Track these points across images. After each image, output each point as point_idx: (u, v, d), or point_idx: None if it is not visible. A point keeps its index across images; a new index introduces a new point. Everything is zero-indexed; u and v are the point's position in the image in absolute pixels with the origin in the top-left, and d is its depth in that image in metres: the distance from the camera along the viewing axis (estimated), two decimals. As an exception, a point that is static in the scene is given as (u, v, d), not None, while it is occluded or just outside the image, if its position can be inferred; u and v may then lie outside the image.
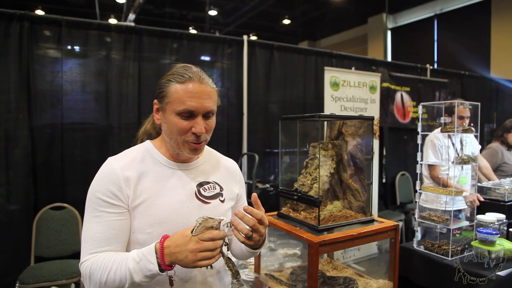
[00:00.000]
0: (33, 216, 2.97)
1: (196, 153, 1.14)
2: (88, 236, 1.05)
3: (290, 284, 1.96)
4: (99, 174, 1.09)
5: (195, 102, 1.05)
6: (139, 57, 3.48)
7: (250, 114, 4.03)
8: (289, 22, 10.82)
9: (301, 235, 1.71)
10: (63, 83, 3.15)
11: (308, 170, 1.96)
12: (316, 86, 4.44)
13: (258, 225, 1.02)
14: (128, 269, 0.96)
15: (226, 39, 3.99)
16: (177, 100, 1.06)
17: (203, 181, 1.19)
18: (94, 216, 1.05)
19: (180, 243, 0.94)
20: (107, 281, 0.98)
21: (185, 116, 1.06)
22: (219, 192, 1.21)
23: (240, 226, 1.01)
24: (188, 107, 1.05)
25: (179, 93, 1.06)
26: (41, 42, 3.09)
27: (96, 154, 3.26)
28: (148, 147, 1.18)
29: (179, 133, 1.07)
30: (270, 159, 4.21)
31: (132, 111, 3.43)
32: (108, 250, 1.04)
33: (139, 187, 1.08)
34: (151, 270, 0.95)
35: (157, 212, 1.08)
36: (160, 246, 0.95)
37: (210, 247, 0.92)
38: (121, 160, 1.12)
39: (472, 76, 6.34)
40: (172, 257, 0.94)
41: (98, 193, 1.06)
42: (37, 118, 3.04)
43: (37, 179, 3.03)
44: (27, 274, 2.66)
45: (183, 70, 1.10)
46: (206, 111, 1.08)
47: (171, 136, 1.09)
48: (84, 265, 1.03)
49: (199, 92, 1.07)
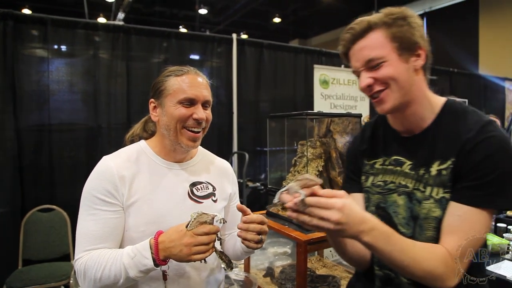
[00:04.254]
0: (21, 219, 2.93)
1: (194, 144, 1.15)
2: (83, 233, 1.06)
3: (280, 282, 1.96)
4: (94, 173, 1.10)
5: (195, 90, 1.11)
6: (128, 56, 3.45)
7: (240, 113, 4.03)
8: (280, 20, 10.81)
9: (289, 234, 1.71)
10: (50, 83, 3.10)
11: (297, 168, 1.96)
12: (306, 84, 4.45)
13: (263, 227, 1.08)
14: (123, 265, 0.97)
15: (216, 38, 3.98)
16: (177, 91, 1.11)
17: (196, 181, 1.21)
18: (89, 214, 1.06)
19: (174, 237, 0.95)
20: (102, 277, 0.99)
21: (186, 104, 1.10)
22: (211, 192, 1.23)
23: (249, 236, 1.06)
24: (189, 95, 1.10)
25: (179, 83, 1.11)
26: (26, 41, 3.04)
27: (85, 155, 3.22)
28: (143, 147, 1.20)
29: (180, 119, 1.10)
30: (260, 157, 4.21)
31: (121, 111, 3.40)
32: (103, 248, 1.05)
33: (133, 186, 1.10)
34: (146, 265, 0.96)
35: (150, 211, 1.10)
36: (155, 242, 0.97)
37: (204, 241, 0.94)
38: (116, 158, 1.13)
39: (460, 73, 6.40)
40: (166, 252, 0.95)
41: (93, 191, 1.07)
42: (23, 119, 3.00)
43: (24, 181, 2.99)
44: (14, 278, 2.61)
45: (179, 67, 1.16)
46: (205, 99, 1.13)
47: (171, 127, 1.11)
48: (79, 262, 1.04)
49: (198, 82, 1.13)
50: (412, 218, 0.98)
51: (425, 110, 0.99)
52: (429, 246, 0.89)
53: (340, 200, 0.78)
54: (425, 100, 0.99)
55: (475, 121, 0.92)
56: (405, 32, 0.93)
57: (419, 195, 0.96)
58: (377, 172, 1.08)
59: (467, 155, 0.89)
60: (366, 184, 1.10)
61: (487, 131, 0.89)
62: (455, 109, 0.99)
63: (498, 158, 0.86)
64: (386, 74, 0.92)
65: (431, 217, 0.93)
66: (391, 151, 1.06)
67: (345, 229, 0.79)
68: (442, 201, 0.91)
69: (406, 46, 0.93)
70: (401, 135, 1.05)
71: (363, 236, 0.81)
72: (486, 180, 0.86)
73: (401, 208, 0.99)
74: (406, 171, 1.00)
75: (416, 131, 1.01)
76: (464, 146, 0.89)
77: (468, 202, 0.87)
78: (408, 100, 0.96)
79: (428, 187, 0.94)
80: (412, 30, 0.94)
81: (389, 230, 0.84)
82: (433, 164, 0.95)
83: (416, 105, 0.98)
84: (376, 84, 0.94)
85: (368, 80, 0.94)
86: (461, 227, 0.88)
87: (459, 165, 0.90)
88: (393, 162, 1.04)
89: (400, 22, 0.93)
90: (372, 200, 1.07)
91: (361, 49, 0.95)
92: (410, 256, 0.84)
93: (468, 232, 0.87)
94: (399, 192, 1.00)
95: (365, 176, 1.11)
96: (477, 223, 0.88)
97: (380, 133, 1.11)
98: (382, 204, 1.04)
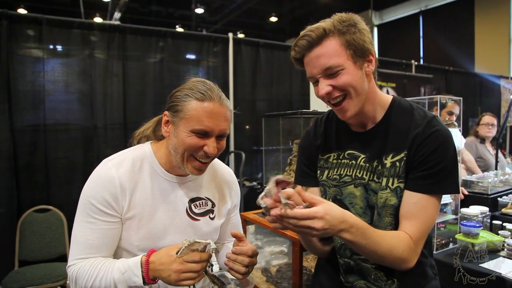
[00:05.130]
0: (17, 219, 2.92)
1: (199, 173, 1.11)
2: (79, 240, 1.05)
3: (276, 281, 1.96)
4: (95, 178, 1.07)
5: (213, 123, 1.02)
6: (124, 56, 3.44)
7: (236, 112, 4.02)
8: (276, 19, 10.82)
9: (285, 233, 1.71)
10: (45, 83, 3.09)
11: (292, 167, 1.96)
12: (302, 83, 4.45)
13: (252, 259, 1.07)
14: (113, 279, 0.98)
15: (212, 37, 3.97)
16: (194, 118, 1.01)
17: (195, 197, 1.19)
18: (87, 222, 1.05)
19: (164, 261, 0.95)
20: (92, 287, 0.99)
21: (199, 135, 1.03)
22: (210, 209, 1.22)
23: (236, 267, 1.06)
24: (204, 128, 1.02)
25: (198, 111, 1.01)
26: (21, 41, 3.03)
27: (81, 155, 3.21)
28: (148, 154, 1.15)
29: (189, 149, 1.04)
30: (257, 157, 4.21)
31: (117, 111, 3.39)
32: (96, 256, 1.05)
33: (134, 199, 1.08)
34: (135, 283, 0.97)
35: (148, 226, 1.10)
36: (146, 261, 0.97)
37: (193, 268, 0.94)
38: (119, 167, 1.08)
39: (456, 72, 6.42)
40: (156, 273, 0.96)
41: (93, 199, 1.04)
42: (19, 120, 2.99)
43: (20, 181, 2.98)
44: (10, 278, 2.61)
45: (203, 87, 1.05)
46: (221, 133, 1.06)
47: (179, 151, 1.05)
48: (71, 269, 1.04)
49: (218, 113, 1.03)
50: (368, 207, 1.06)
51: (377, 107, 1.07)
52: (396, 234, 0.98)
53: (321, 209, 0.84)
54: (376, 100, 1.07)
55: (421, 117, 1.01)
56: (357, 39, 0.97)
57: (374, 186, 1.04)
58: (332, 166, 1.14)
59: (417, 148, 0.98)
60: (322, 178, 1.16)
61: (432, 125, 0.99)
62: (402, 105, 1.07)
63: (443, 150, 0.97)
64: (345, 81, 0.97)
65: (388, 205, 1.01)
66: (345, 145, 1.12)
67: (328, 232, 0.86)
68: (397, 190, 1.00)
69: (359, 53, 0.98)
70: (354, 130, 1.12)
71: (343, 234, 0.88)
72: (434, 170, 0.97)
73: (358, 199, 1.07)
74: (361, 164, 1.07)
75: (368, 126, 1.08)
76: (414, 140, 0.99)
77: (421, 190, 0.98)
78: (364, 103, 1.03)
79: (384, 178, 1.02)
80: (363, 37, 0.98)
81: (365, 225, 0.92)
82: (386, 156, 1.03)
83: (369, 105, 1.05)
84: (335, 91, 0.99)
85: (328, 88, 0.98)
86: (417, 213, 0.98)
87: (411, 157, 0.99)
88: (347, 156, 1.11)
89: (352, 29, 0.97)
90: (328, 193, 1.13)
91: (318, 57, 0.97)
92: (384, 246, 0.93)
93: (423, 217, 0.98)
94: (356, 184, 1.07)
95: (320, 170, 1.17)
96: (430, 208, 0.99)
97: (332, 128, 1.17)
98: (338, 196, 1.11)
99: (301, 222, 0.83)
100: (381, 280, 1.06)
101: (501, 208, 2.56)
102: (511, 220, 2.34)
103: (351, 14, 1.00)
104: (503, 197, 2.64)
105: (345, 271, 1.14)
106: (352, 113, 1.01)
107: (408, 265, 0.98)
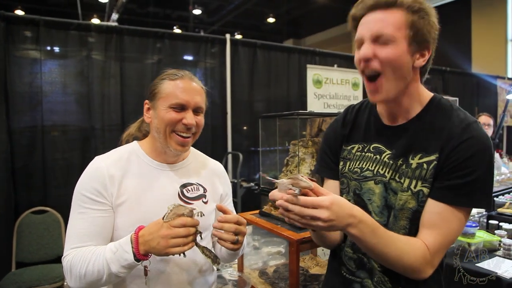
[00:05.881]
0: (14, 221, 2.91)
1: (183, 148, 1.15)
2: (72, 231, 1.07)
3: (273, 281, 1.96)
4: (85, 172, 1.12)
5: (187, 96, 1.12)
6: (121, 57, 3.44)
7: (234, 113, 4.03)
8: (274, 20, 10.82)
9: (282, 233, 1.71)
10: (43, 85, 3.09)
11: (289, 168, 1.97)
12: (300, 84, 4.46)
13: (239, 227, 1.06)
14: (105, 260, 0.98)
15: (209, 38, 3.98)
16: (169, 95, 1.12)
17: (186, 182, 1.21)
18: (78, 213, 1.07)
19: (152, 230, 0.95)
20: (86, 273, 0.99)
21: (177, 109, 1.11)
22: (202, 193, 1.23)
23: (224, 236, 1.04)
24: (180, 101, 1.11)
25: (172, 88, 1.12)
26: (18, 42, 3.03)
27: (79, 156, 3.21)
28: (135, 147, 1.21)
29: (170, 123, 1.11)
30: (255, 158, 4.22)
31: (115, 112, 3.39)
32: (90, 245, 1.05)
33: (123, 186, 1.11)
34: (127, 260, 0.96)
35: (139, 211, 1.10)
36: (135, 236, 0.97)
37: (181, 233, 0.93)
38: (107, 158, 1.15)
39: (453, 72, 6.45)
40: (145, 245, 0.95)
41: (83, 190, 1.08)
42: (16, 121, 2.98)
43: (17, 183, 2.98)
44: (7, 280, 2.60)
45: (175, 71, 1.17)
46: (196, 106, 1.14)
47: (161, 130, 1.12)
48: (66, 260, 1.05)
49: (190, 88, 1.14)
50: (386, 207, 1.00)
51: (414, 103, 0.99)
52: (411, 241, 0.91)
53: (328, 198, 0.80)
54: (415, 95, 0.99)
55: (460, 120, 0.93)
56: (423, 25, 0.90)
57: (394, 185, 0.97)
58: (354, 158, 1.08)
59: (450, 153, 0.90)
60: (344, 170, 1.10)
61: (471, 130, 0.90)
62: (442, 105, 0.99)
63: (478, 159, 0.88)
64: (389, 55, 0.89)
65: (407, 208, 0.95)
66: (371, 138, 1.06)
67: (334, 224, 0.81)
68: (420, 194, 0.93)
69: (418, 40, 0.91)
70: (384, 123, 1.04)
71: (351, 228, 0.83)
72: (465, 180, 0.88)
73: (376, 196, 1.01)
74: (385, 160, 1.00)
75: (400, 121, 1.00)
76: (448, 143, 0.90)
77: (447, 200, 0.90)
78: (401, 93, 0.96)
79: (406, 178, 0.95)
80: (430, 28, 0.92)
81: (375, 224, 0.87)
82: (414, 156, 0.95)
83: (406, 98, 0.97)
84: (374, 61, 0.91)
85: (370, 51, 0.90)
86: (439, 224, 0.90)
87: (441, 162, 0.91)
88: (372, 149, 1.04)
89: (422, 13, 0.91)
90: (350, 186, 1.07)
91: (376, 21, 0.90)
92: (394, 249, 0.88)
93: (445, 229, 0.90)
94: (376, 181, 1.01)
95: (343, 161, 1.11)
96: (454, 221, 0.91)
97: (363, 118, 1.10)
98: (357, 191, 1.05)
99: (306, 211, 0.79)
100: (384, 285, 1.00)
101: (497, 208, 2.58)
102: (508, 220, 2.36)
103: (429, 4, 0.93)
104: (500, 197, 2.66)
105: (357, 266, 1.07)
106: (383, 97, 0.94)
107: (421, 276, 0.91)
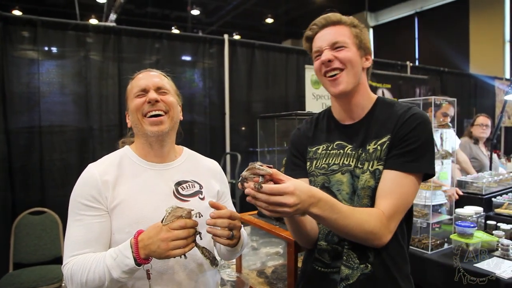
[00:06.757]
0: (11, 222, 2.90)
1: (158, 128, 1.15)
2: (70, 239, 1.07)
3: (272, 282, 1.96)
4: (79, 180, 1.13)
5: (145, 80, 1.18)
6: (119, 58, 3.44)
7: (233, 114, 4.03)
8: (272, 21, 10.84)
9: (279, 233, 1.71)
10: (40, 85, 3.08)
11: (288, 168, 1.96)
12: (298, 85, 4.46)
13: (232, 221, 1.04)
14: (106, 266, 0.97)
15: (207, 39, 3.98)
16: (132, 89, 1.19)
17: (181, 180, 1.21)
18: (75, 220, 1.08)
19: (152, 234, 0.95)
20: (87, 281, 0.99)
21: (140, 95, 1.16)
22: (198, 190, 1.22)
23: (218, 232, 1.03)
24: (139, 87, 1.17)
25: (133, 82, 1.21)
26: (16, 43, 3.02)
27: (77, 157, 3.20)
28: (126, 151, 1.22)
29: (137, 108, 1.15)
30: (253, 158, 4.21)
31: (113, 113, 3.39)
32: (88, 252, 1.05)
33: (116, 189, 1.11)
34: (128, 265, 0.96)
35: (134, 211, 1.10)
36: (135, 240, 0.97)
37: (181, 235, 0.93)
38: (100, 165, 1.16)
39: (451, 73, 6.46)
40: (146, 249, 0.95)
41: (78, 197, 1.09)
42: (13, 121, 2.97)
43: (15, 183, 2.97)
44: (5, 281, 2.59)
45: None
46: (156, 86, 1.18)
47: (134, 120, 1.16)
48: (66, 268, 1.04)
49: (148, 75, 1.21)
50: (354, 193, 1.11)
51: (365, 101, 1.18)
52: (367, 210, 1.03)
53: (290, 184, 0.86)
54: (366, 94, 1.19)
55: (402, 106, 1.12)
56: (363, 36, 1.15)
57: (357, 172, 1.11)
58: (320, 156, 1.21)
59: (398, 130, 1.06)
60: (311, 168, 1.22)
61: (412, 110, 1.09)
62: (386, 101, 1.19)
63: (420, 130, 1.05)
64: (347, 56, 1.10)
65: (367, 187, 1.07)
66: (334, 137, 1.21)
67: (299, 208, 0.87)
68: (376, 172, 1.06)
69: (362, 47, 1.14)
70: (342, 123, 1.21)
71: (312, 208, 0.90)
72: (411, 147, 1.04)
73: (344, 185, 1.13)
74: (348, 152, 1.15)
75: (356, 120, 1.18)
76: (396, 124, 1.07)
77: (397, 167, 1.04)
78: (356, 89, 1.14)
79: (366, 162, 1.10)
80: (367, 38, 1.17)
81: (333, 200, 0.95)
82: (369, 143, 1.11)
83: (359, 96, 1.16)
84: (335, 62, 1.11)
85: (330, 54, 1.10)
86: (392, 189, 1.03)
87: (392, 139, 1.07)
88: (335, 146, 1.19)
89: (361, 28, 1.16)
90: (317, 181, 1.18)
91: (330, 33, 1.13)
92: (354, 220, 0.97)
93: (397, 194, 1.03)
94: (343, 171, 1.14)
95: (309, 161, 1.23)
96: (405, 185, 1.04)
97: (323, 123, 1.26)
98: (326, 184, 1.16)
99: (272, 198, 0.84)
100: (354, 262, 1.08)
101: (495, 208, 2.58)
102: (505, 220, 2.36)
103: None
104: (497, 197, 2.66)
105: (332, 257, 1.14)
106: (345, 88, 1.11)
107: (381, 241, 1.01)
